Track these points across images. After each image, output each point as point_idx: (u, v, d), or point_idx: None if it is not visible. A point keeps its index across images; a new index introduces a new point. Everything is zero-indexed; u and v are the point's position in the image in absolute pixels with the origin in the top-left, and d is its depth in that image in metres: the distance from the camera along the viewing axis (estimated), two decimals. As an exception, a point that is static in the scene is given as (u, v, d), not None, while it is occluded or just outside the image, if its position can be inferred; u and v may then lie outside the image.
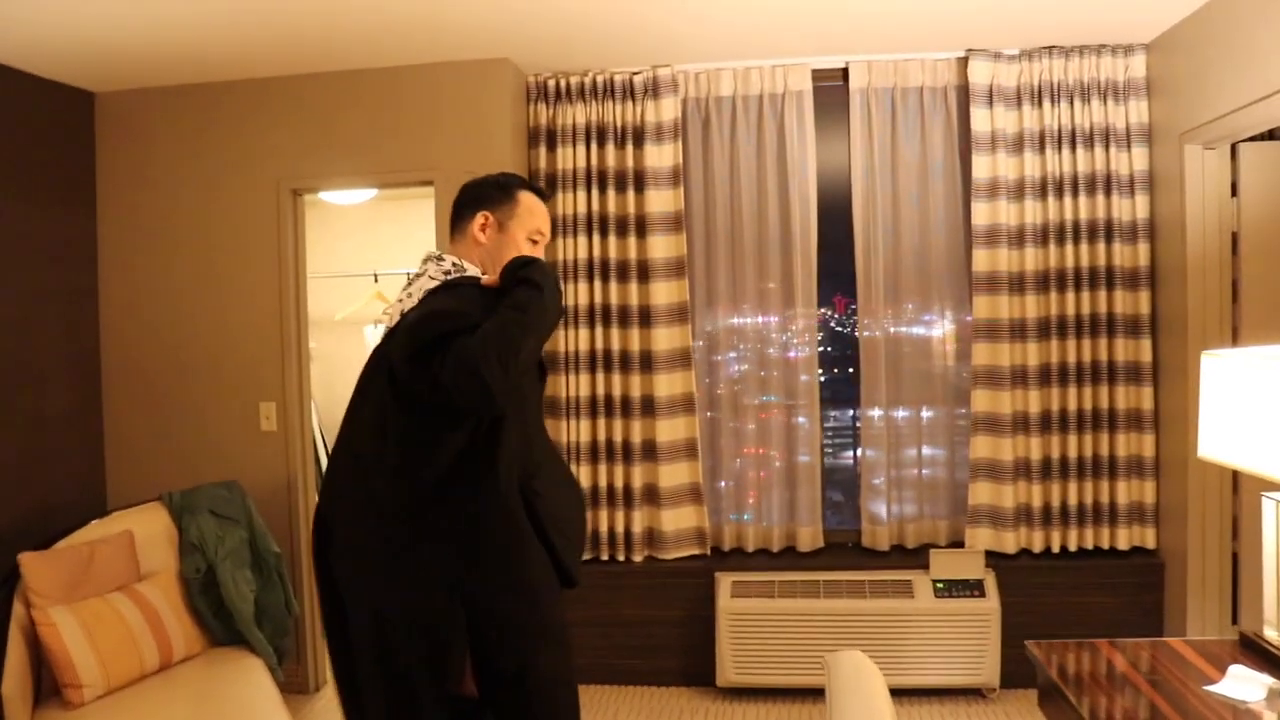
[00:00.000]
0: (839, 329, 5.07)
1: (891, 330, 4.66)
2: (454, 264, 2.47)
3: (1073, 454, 4.43)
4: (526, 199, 2.57)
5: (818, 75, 4.61)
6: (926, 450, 4.72)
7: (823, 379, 4.75)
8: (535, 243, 2.57)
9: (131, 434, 4.76)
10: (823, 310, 4.78)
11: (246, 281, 4.64)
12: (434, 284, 2.40)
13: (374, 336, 6.20)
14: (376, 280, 6.14)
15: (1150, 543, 4.41)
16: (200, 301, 4.68)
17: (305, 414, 4.69)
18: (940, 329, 4.69)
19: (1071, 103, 4.35)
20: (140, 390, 4.74)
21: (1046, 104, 4.36)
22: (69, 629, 3.40)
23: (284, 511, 4.63)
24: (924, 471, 4.70)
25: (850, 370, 5.01)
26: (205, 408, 4.69)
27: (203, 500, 4.19)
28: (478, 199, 2.56)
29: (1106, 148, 4.34)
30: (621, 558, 4.68)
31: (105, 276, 4.76)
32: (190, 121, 4.67)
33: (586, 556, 4.66)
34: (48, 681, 3.48)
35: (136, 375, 4.75)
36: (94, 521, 3.94)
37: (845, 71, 4.58)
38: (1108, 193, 4.35)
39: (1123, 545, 4.41)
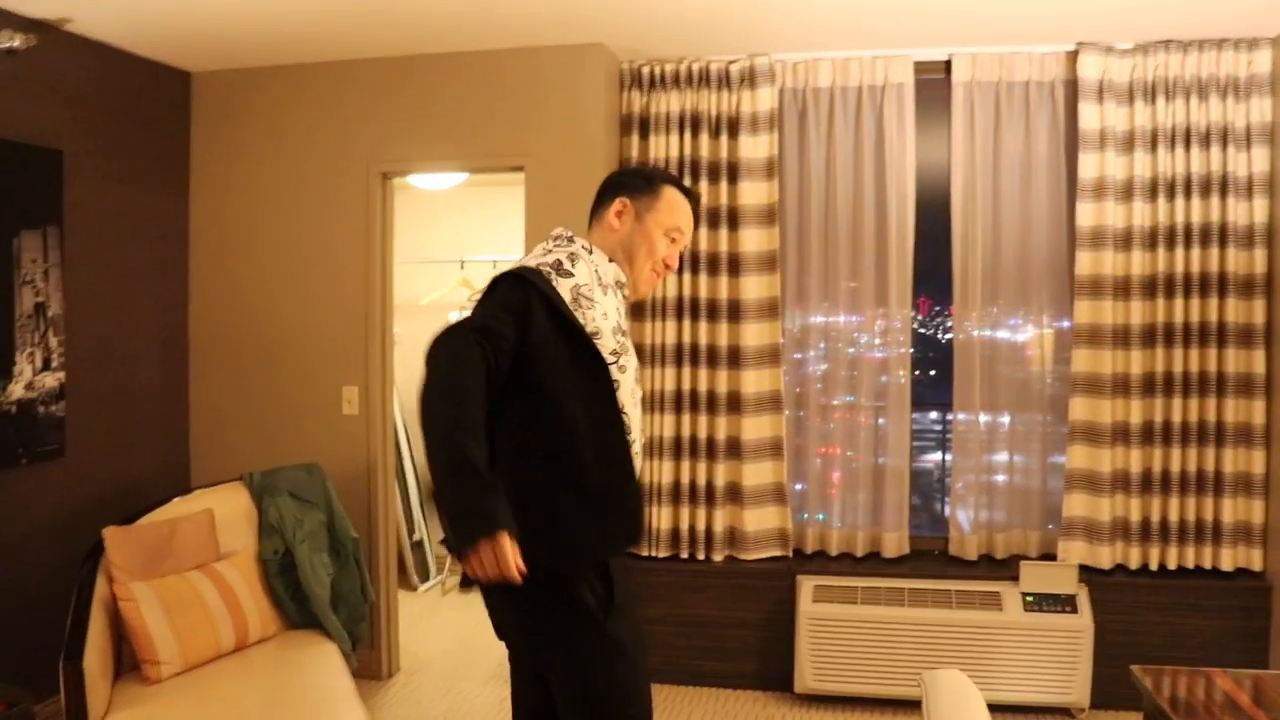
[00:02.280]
0: (921, 331, 4.93)
1: (987, 333, 4.50)
2: (565, 238, 2.42)
3: (1175, 468, 4.24)
4: (670, 194, 2.45)
5: (919, 68, 4.47)
6: (1017, 457, 4.56)
7: (903, 380, 4.60)
8: (674, 241, 2.45)
9: (216, 413, 4.79)
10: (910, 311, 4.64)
11: (333, 264, 4.64)
12: (531, 261, 2.31)
13: (458, 323, 6.18)
14: (463, 267, 6.13)
15: (1257, 565, 4.21)
16: (287, 283, 4.69)
17: (387, 399, 4.68)
18: (1038, 333, 4.53)
19: (1188, 100, 4.16)
20: (226, 370, 4.77)
21: (1160, 101, 4.18)
22: (149, 605, 3.41)
23: (363, 497, 4.62)
24: (1015, 479, 4.54)
25: (932, 372, 4.90)
26: (289, 389, 4.70)
27: (283, 482, 4.18)
28: (619, 185, 2.48)
29: (1224, 148, 4.14)
30: (702, 556, 4.59)
31: (196, 256, 4.80)
32: (283, 102, 4.68)
33: (664, 553, 4.59)
34: (127, 656, 3.49)
35: (222, 355, 4.78)
36: (176, 499, 3.95)
37: (948, 64, 4.44)
38: (1223, 195, 4.16)
39: (1226, 566, 4.21)
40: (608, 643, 2.21)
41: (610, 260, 2.41)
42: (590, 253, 2.38)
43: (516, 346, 2.11)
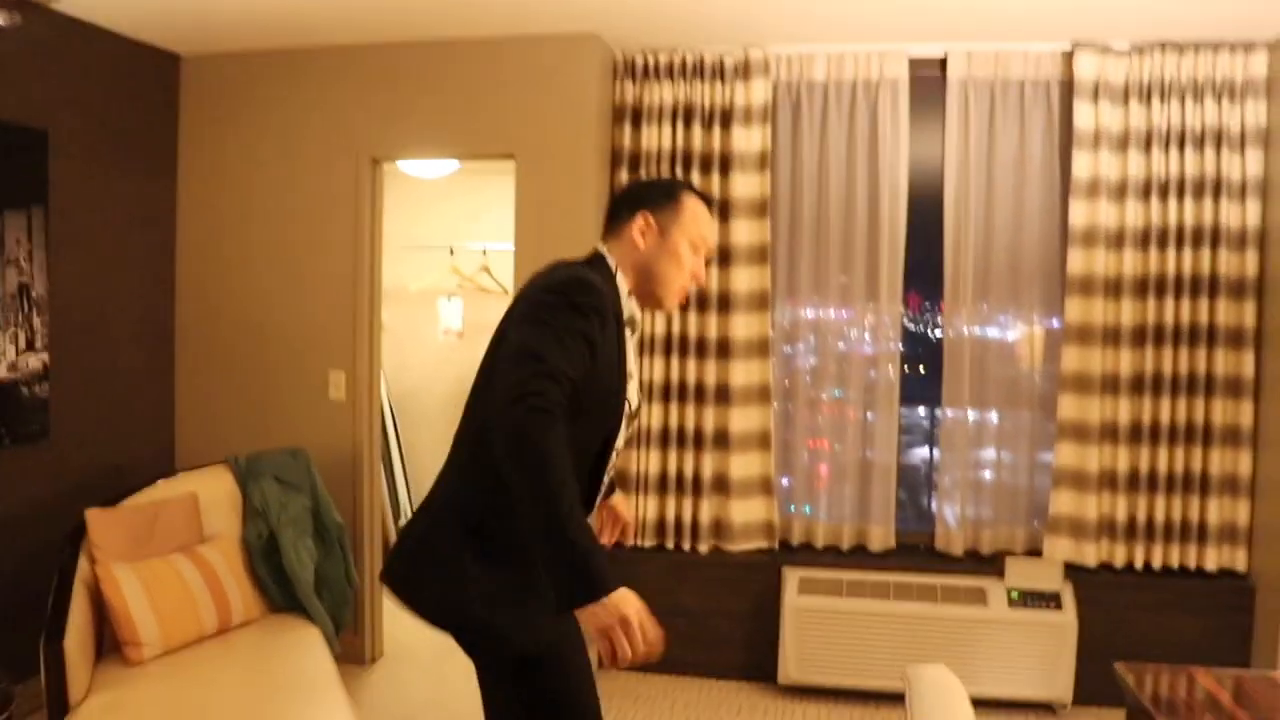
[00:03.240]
0: (911, 327, 4.93)
1: (977, 330, 4.50)
2: (610, 265, 2.31)
3: (1163, 467, 4.25)
4: (691, 203, 2.35)
5: (914, 64, 4.46)
6: (1005, 454, 4.56)
7: (892, 376, 4.60)
8: (698, 251, 2.35)
9: (202, 396, 4.77)
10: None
11: (322, 249, 4.61)
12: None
13: (447, 309, 6.17)
14: (452, 253, 6.10)
15: (1241, 565, 4.22)
16: (275, 267, 4.67)
17: (374, 385, 4.66)
18: (1028, 331, 4.53)
19: (1183, 101, 4.15)
20: (212, 353, 4.75)
21: (1155, 102, 4.17)
22: (130, 587, 3.39)
23: (349, 481, 4.61)
24: (1002, 476, 4.55)
25: (921, 368, 4.89)
26: (275, 373, 4.68)
27: (268, 466, 4.16)
28: (639, 199, 2.35)
29: (1218, 150, 4.14)
30: (687, 546, 4.58)
31: (184, 240, 4.77)
32: (273, 87, 4.65)
33: (650, 543, 4.59)
34: (109, 638, 3.47)
35: (209, 338, 4.75)
36: (160, 482, 3.93)
37: (943, 61, 4.42)
38: (1216, 197, 4.15)
39: (1211, 566, 4.22)
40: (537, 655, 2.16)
41: (630, 293, 2.31)
42: (615, 281, 2.28)
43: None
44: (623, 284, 2.28)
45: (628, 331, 2.28)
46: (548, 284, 2.12)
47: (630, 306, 2.30)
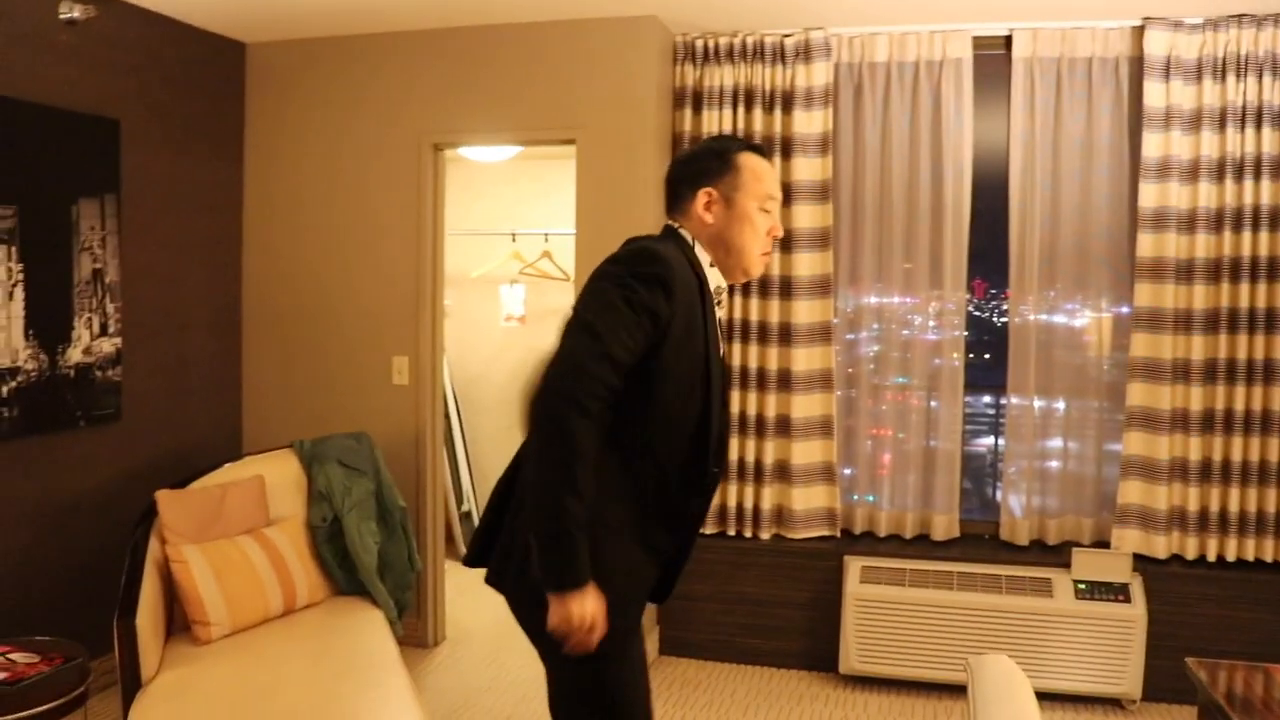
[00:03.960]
0: (976, 313, 4.85)
1: (1044, 316, 4.41)
2: (686, 239, 2.27)
3: (1236, 457, 4.13)
4: (749, 162, 2.25)
5: (978, 43, 4.38)
6: (1072, 443, 4.48)
7: (956, 363, 4.53)
8: (768, 211, 2.26)
9: (267, 381, 4.85)
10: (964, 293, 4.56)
11: (385, 235, 4.66)
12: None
13: (509, 295, 6.20)
14: (514, 239, 6.13)
15: (1319, 558, 4.10)
16: (339, 253, 4.72)
17: (437, 370, 4.70)
18: (1095, 317, 4.43)
19: (1260, 77, 4.02)
20: (278, 338, 4.82)
21: (1230, 78, 4.04)
22: (199, 567, 3.46)
23: (412, 466, 4.65)
24: (1069, 465, 4.46)
25: (987, 355, 4.81)
26: (339, 358, 4.74)
27: (332, 450, 4.22)
28: (697, 174, 2.26)
29: (1296, 128, 4.01)
30: (749, 534, 4.56)
31: (249, 226, 4.85)
32: (337, 73, 4.70)
33: (711, 530, 4.57)
34: (178, 618, 3.55)
35: (275, 323, 4.82)
36: (227, 465, 4.01)
37: (1008, 39, 4.34)
38: (1294, 177, 4.03)
39: (1287, 558, 4.11)
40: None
41: (712, 264, 2.26)
42: (694, 252, 2.25)
43: (648, 343, 2.05)
44: (703, 256, 2.24)
45: (717, 303, 2.25)
46: (613, 256, 2.12)
47: (715, 276, 2.25)
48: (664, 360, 2.05)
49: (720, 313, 2.29)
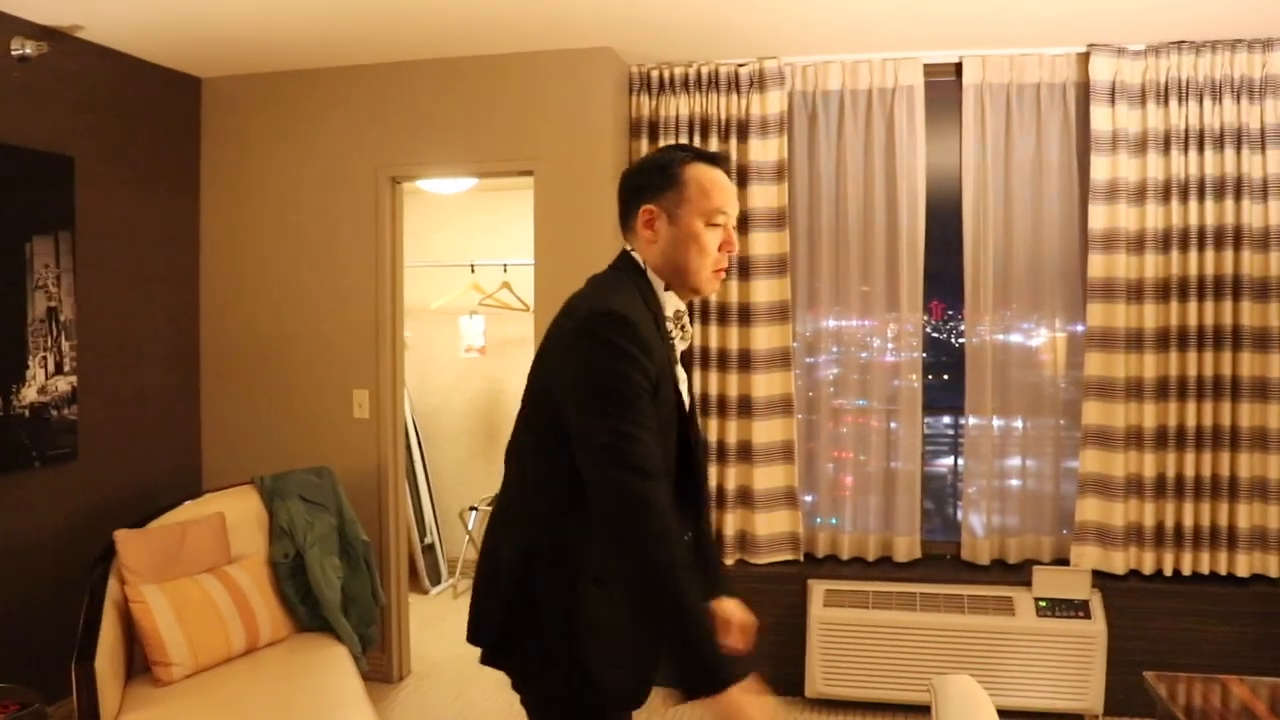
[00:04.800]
0: (935, 335, 4.91)
1: (999, 337, 4.48)
2: (633, 269, 2.14)
3: (1190, 472, 4.20)
4: (695, 174, 2.08)
5: (929, 70, 4.45)
6: (1030, 462, 4.53)
7: (915, 384, 4.58)
8: (718, 225, 2.09)
9: (227, 417, 4.81)
10: (922, 315, 4.61)
11: (344, 268, 4.65)
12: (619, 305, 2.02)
13: (469, 327, 6.19)
14: (473, 271, 6.13)
15: (1273, 570, 4.16)
16: (297, 287, 4.71)
17: (398, 403, 4.68)
18: (1050, 337, 4.50)
19: (1201, 101, 4.12)
20: (236, 374, 4.79)
21: (1173, 103, 4.14)
22: (160, 608, 3.42)
23: (374, 500, 4.63)
24: (1028, 484, 4.51)
25: (945, 377, 4.86)
26: (299, 393, 4.71)
27: (293, 485, 4.19)
28: (639, 189, 2.12)
29: (1238, 149, 4.10)
30: (711, 560, 4.56)
31: (207, 261, 4.82)
32: (293, 108, 4.70)
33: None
34: (138, 658, 3.50)
35: (233, 359, 4.79)
36: (187, 502, 3.97)
37: (959, 67, 4.42)
38: (1237, 197, 4.11)
39: (1242, 572, 4.17)
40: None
41: (666, 287, 2.13)
42: (648, 282, 2.12)
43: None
44: (656, 281, 2.11)
45: (671, 327, 2.13)
46: (579, 328, 1.97)
47: (671, 301, 2.13)
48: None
49: (683, 340, 2.18)
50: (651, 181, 2.11)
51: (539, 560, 2.03)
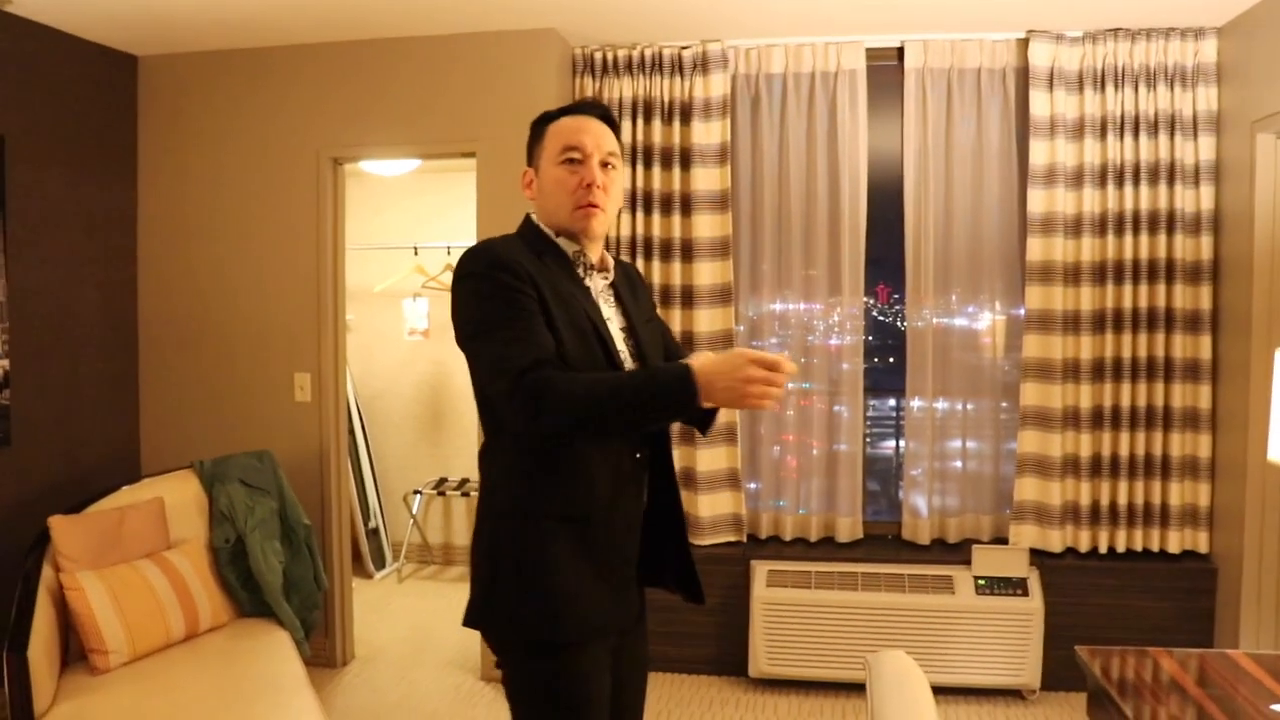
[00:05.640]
0: (880, 318, 4.95)
1: (939, 320, 4.53)
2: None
3: (1124, 452, 4.29)
4: (554, 126, 2.16)
5: (872, 54, 4.48)
6: (971, 443, 4.60)
7: (858, 367, 4.62)
8: (574, 161, 2.11)
9: (166, 401, 4.74)
10: (865, 299, 4.64)
11: (285, 250, 4.59)
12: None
13: (412, 309, 6.15)
14: (417, 253, 6.08)
15: (1203, 547, 4.26)
16: (237, 270, 4.64)
17: (340, 386, 4.64)
18: (989, 319, 4.56)
19: (1136, 88, 4.19)
20: (176, 357, 4.72)
21: (1110, 89, 4.20)
22: (96, 594, 3.37)
23: (315, 483, 4.59)
24: (968, 465, 4.58)
25: (891, 360, 4.90)
26: (240, 376, 4.66)
27: (234, 469, 4.15)
28: (527, 157, 2.24)
29: (1171, 135, 4.18)
30: (655, 542, 4.58)
31: (144, 242, 4.74)
32: (232, 87, 4.63)
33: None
34: (75, 646, 3.46)
35: (173, 342, 4.72)
36: (125, 487, 3.91)
37: (900, 51, 4.45)
38: (1171, 182, 4.19)
39: (1174, 548, 4.27)
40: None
41: (557, 235, 2.17)
42: (540, 234, 2.18)
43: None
44: (548, 233, 2.17)
45: (581, 273, 2.17)
46: (454, 278, 2.09)
47: (569, 245, 2.17)
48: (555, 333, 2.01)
49: (603, 277, 2.22)
50: (528, 149, 2.24)
51: (487, 508, 2.13)
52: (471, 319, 2.01)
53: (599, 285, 2.20)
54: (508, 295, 1.97)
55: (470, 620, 2.12)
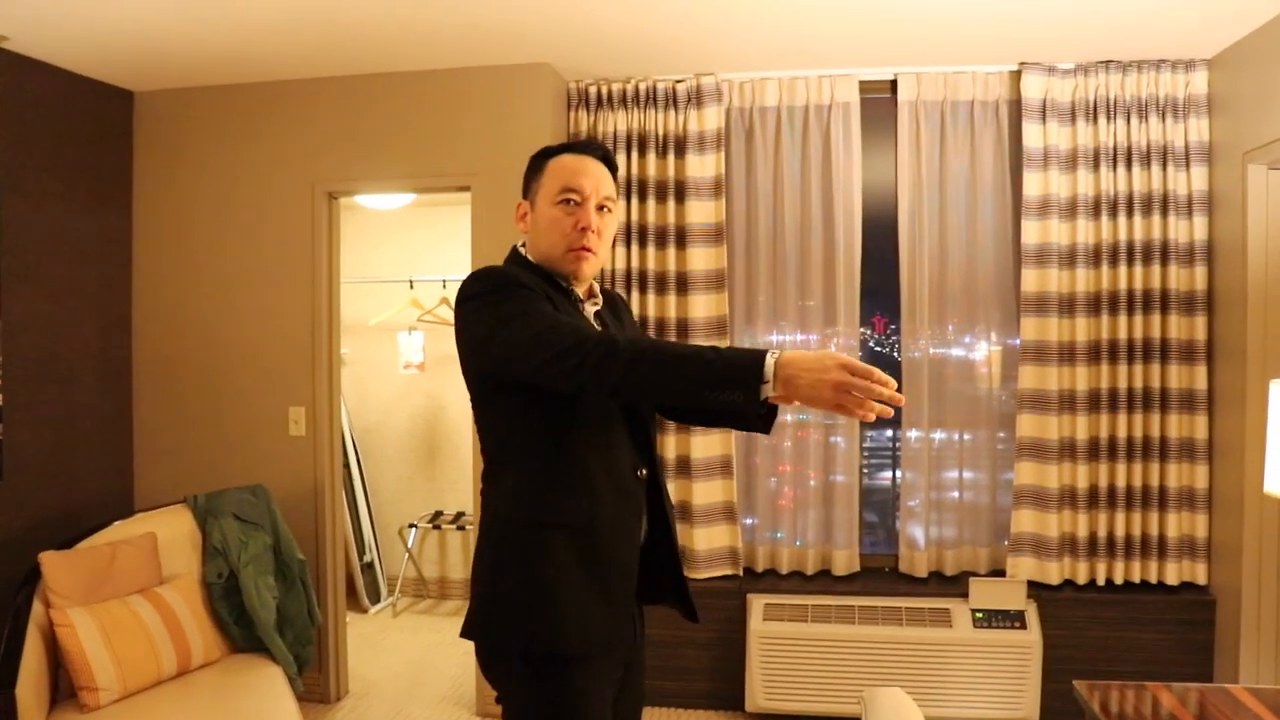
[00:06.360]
0: (877, 349, 4.95)
1: (935, 351, 4.53)
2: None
3: (1121, 483, 4.27)
4: (554, 164, 2.17)
5: (865, 87, 4.50)
6: (967, 474, 4.58)
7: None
8: (571, 203, 2.12)
9: (160, 434, 4.73)
10: (862, 330, 4.64)
11: (280, 284, 4.59)
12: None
13: (408, 343, 6.15)
14: (412, 287, 6.09)
15: (1201, 578, 4.24)
16: (232, 303, 4.64)
17: (335, 420, 4.63)
18: (985, 350, 4.56)
19: (1128, 119, 4.21)
20: (170, 391, 4.71)
21: (1102, 120, 4.23)
22: (87, 631, 3.35)
23: (310, 517, 4.57)
24: (965, 496, 4.56)
25: (890, 391, 4.88)
26: (234, 410, 4.64)
27: (227, 504, 4.13)
28: (523, 191, 2.25)
29: (1164, 167, 4.20)
30: (651, 576, 4.55)
31: (139, 276, 4.74)
32: (228, 122, 4.64)
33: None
34: (64, 684, 3.43)
35: (167, 376, 4.71)
36: (117, 522, 3.90)
37: (894, 84, 4.47)
38: (1164, 213, 4.21)
39: (1172, 580, 4.25)
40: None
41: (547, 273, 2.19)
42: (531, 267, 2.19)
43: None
44: (538, 264, 2.19)
45: (576, 304, 2.19)
46: (456, 302, 2.08)
47: (558, 278, 2.18)
48: None
49: (593, 305, 2.25)
50: (527, 180, 2.24)
51: (490, 525, 2.11)
52: (490, 319, 1.99)
53: (588, 314, 2.23)
54: (524, 296, 1.99)
55: (468, 631, 2.10)
